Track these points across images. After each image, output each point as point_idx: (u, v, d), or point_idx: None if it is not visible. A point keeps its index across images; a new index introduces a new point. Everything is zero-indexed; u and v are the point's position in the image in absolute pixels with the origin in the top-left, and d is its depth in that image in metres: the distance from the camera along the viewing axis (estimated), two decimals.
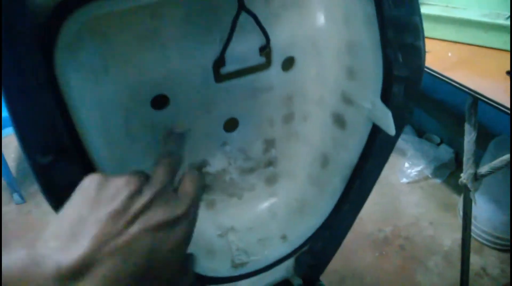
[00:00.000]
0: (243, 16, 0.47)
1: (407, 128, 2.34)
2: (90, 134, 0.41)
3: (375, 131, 0.56)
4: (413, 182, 2.12)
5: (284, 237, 0.68)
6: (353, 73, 0.55)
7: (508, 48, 1.16)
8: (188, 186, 0.32)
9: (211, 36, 0.48)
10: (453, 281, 1.60)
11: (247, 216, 0.68)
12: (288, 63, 0.56)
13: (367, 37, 0.50)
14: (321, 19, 0.54)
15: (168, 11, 0.44)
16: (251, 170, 0.65)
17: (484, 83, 1.06)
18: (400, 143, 2.24)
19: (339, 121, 0.59)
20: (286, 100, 0.60)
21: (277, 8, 0.51)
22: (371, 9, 0.46)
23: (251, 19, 0.48)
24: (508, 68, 1.06)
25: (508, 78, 1.04)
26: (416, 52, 0.51)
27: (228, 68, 0.52)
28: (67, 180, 0.36)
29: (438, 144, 2.23)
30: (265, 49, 0.52)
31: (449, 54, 1.19)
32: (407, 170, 2.14)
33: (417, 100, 0.53)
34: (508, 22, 1.15)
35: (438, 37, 1.27)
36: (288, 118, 0.62)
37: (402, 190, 2.10)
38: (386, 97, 0.53)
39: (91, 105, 0.43)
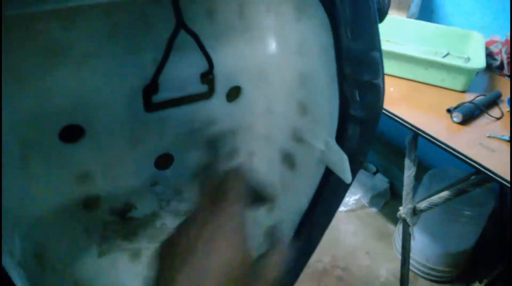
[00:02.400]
0: (183, 35, 0.39)
1: None
2: None
3: (328, 175, 0.50)
4: (350, 211, 2.13)
5: None
6: (306, 109, 0.49)
7: (446, 85, 1.19)
8: None
9: (142, 55, 0.40)
10: None
11: None
12: (234, 93, 0.49)
13: (322, 70, 0.44)
14: (272, 46, 0.47)
15: (85, 21, 0.35)
16: (187, 214, 0.55)
17: (425, 119, 1.06)
18: None
19: (289, 160, 0.53)
20: (230, 134, 0.52)
21: (223, 29, 0.43)
22: (327, 40, 0.41)
23: (192, 39, 0.40)
24: (448, 106, 1.08)
25: (448, 115, 1.06)
26: (375, 91, 0.46)
27: (162, 95, 0.43)
28: None
29: (374, 173, 2.27)
30: (208, 76, 0.44)
31: (391, 89, 1.20)
32: (345, 199, 2.14)
33: (373, 143, 0.48)
34: (445, 60, 1.18)
35: None
36: (232, 154, 0.55)
37: (341, 218, 2.09)
38: (340, 138, 0.47)
39: None
